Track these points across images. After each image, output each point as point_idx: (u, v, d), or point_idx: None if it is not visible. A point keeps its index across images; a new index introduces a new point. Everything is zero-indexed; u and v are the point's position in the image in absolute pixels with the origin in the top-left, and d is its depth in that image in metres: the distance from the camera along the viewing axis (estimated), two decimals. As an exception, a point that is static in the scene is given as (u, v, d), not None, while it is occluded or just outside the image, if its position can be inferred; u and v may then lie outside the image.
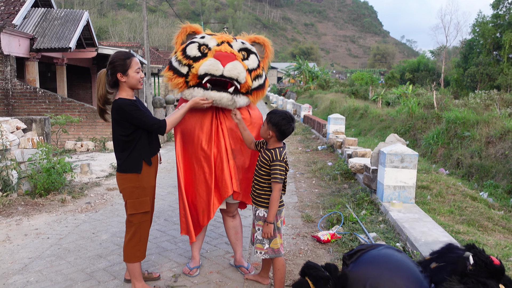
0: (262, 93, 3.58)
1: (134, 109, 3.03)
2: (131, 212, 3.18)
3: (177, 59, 3.38)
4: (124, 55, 3.10)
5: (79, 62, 15.86)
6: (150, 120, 3.07)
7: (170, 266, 3.88)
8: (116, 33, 72.02)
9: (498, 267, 2.47)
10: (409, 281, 2.47)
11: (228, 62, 3.18)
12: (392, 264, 2.58)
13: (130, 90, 3.15)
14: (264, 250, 3.16)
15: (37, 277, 3.64)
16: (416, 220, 4.55)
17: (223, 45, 3.33)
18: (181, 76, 3.34)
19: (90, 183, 7.02)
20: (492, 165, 10.57)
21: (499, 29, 37.00)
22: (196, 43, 3.37)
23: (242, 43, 3.47)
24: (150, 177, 3.23)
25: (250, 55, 3.46)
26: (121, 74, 3.06)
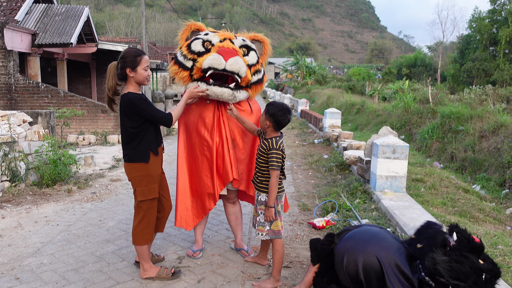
0: (261, 87, 3.84)
1: (144, 103, 3.26)
2: (141, 199, 3.39)
3: (183, 54, 3.63)
4: (135, 52, 3.31)
5: (79, 57, 16.05)
6: (158, 114, 3.30)
7: (175, 250, 4.14)
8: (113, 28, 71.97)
9: (478, 244, 2.74)
10: (382, 249, 2.76)
11: (230, 57, 3.42)
12: (368, 237, 2.88)
13: (137, 85, 3.36)
14: (265, 231, 3.40)
15: (50, 260, 3.89)
16: (406, 207, 4.81)
17: (226, 41, 3.58)
18: (186, 70, 3.58)
19: (94, 174, 7.26)
20: (485, 159, 10.80)
21: (495, 24, 37.20)
22: (200, 39, 3.61)
23: (243, 40, 3.72)
24: (157, 166, 3.46)
25: (250, 51, 3.71)
26: (130, 70, 3.26)
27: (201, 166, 3.76)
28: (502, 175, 9.79)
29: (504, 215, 7.72)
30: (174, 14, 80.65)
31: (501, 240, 4.70)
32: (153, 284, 3.43)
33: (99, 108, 11.31)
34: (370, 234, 2.95)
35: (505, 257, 4.00)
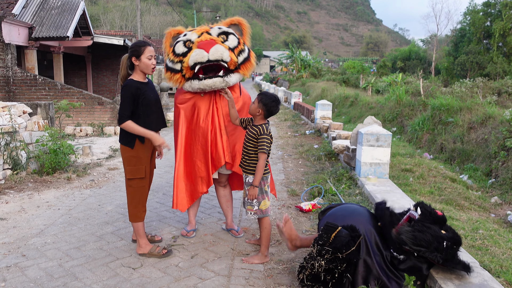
0: (250, 65, 4.09)
1: (126, 94, 3.53)
2: (129, 177, 3.70)
3: (170, 59, 3.93)
4: (140, 43, 3.65)
5: (74, 51, 16.23)
6: (121, 109, 3.53)
7: (170, 230, 4.43)
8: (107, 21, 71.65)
9: (440, 216, 3.07)
10: (360, 223, 3.07)
11: (210, 48, 3.72)
12: (348, 212, 3.20)
13: (142, 73, 3.66)
14: (254, 211, 3.69)
15: (53, 239, 4.17)
16: (388, 191, 5.11)
17: (203, 35, 3.88)
18: (177, 73, 3.88)
19: (92, 163, 7.53)
20: (473, 149, 11.08)
21: (489, 17, 37.47)
22: (181, 41, 3.91)
23: (219, 28, 4.02)
24: (146, 150, 3.70)
25: (229, 35, 4.00)
26: (135, 58, 3.59)
27: (195, 151, 4.05)
28: (489, 165, 10.09)
29: (489, 203, 8.02)
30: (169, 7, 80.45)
31: (482, 225, 4.98)
32: (149, 259, 3.72)
33: (96, 101, 11.56)
34: (350, 210, 3.26)
35: (485, 240, 4.26)
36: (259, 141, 3.57)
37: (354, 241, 2.96)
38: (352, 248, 2.92)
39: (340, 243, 2.93)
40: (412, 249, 2.92)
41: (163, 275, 3.44)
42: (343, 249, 2.90)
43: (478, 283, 2.85)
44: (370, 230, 3.12)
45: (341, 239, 2.95)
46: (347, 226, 3.05)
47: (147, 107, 3.64)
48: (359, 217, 3.21)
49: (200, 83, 3.82)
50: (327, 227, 3.05)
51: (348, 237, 2.96)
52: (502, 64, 33.74)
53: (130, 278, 3.39)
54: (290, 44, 52.49)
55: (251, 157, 3.66)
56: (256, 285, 3.32)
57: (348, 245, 2.92)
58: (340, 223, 3.10)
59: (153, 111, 3.70)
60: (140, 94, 3.57)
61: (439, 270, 3.01)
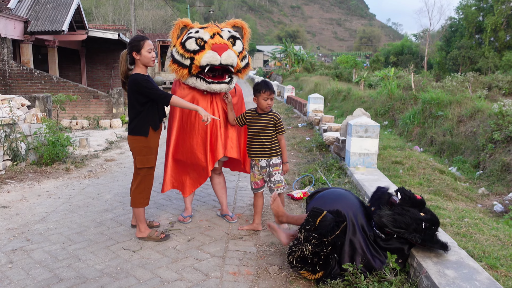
0: (249, 69, 4.43)
1: (147, 81, 3.73)
2: (139, 166, 3.90)
3: (179, 53, 4.09)
4: (139, 37, 3.82)
5: (69, 45, 16.31)
6: (159, 92, 3.75)
7: (167, 217, 4.64)
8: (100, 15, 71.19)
9: (419, 200, 3.31)
10: (346, 206, 3.29)
11: (223, 52, 3.95)
12: (335, 196, 3.43)
13: (144, 67, 3.84)
14: (282, 186, 4.16)
15: (56, 225, 4.37)
16: (375, 180, 5.35)
17: (216, 37, 4.06)
18: (185, 68, 4.06)
19: (89, 155, 7.71)
20: (462, 142, 11.34)
21: (481, 12, 37.77)
22: (193, 38, 4.06)
23: (229, 32, 4.23)
24: (156, 140, 3.93)
25: (236, 40, 4.25)
26: (136, 53, 3.76)
27: (195, 144, 4.23)
28: (477, 157, 10.35)
29: (476, 194, 8.28)
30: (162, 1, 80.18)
31: (468, 214, 5.21)
32: (148, 243, 3.93)
33: (91, 94, 11.70)
34: (337, 194, 3.49)
35: (469, 228, 4.49)
36: (278, 125, 4.07)
37: (338, 226, 3.17)
38: (336, 233, 3.14)
39: (325, 228, 3.14)
40: (392, 231, 3.15)
41: (162, 257, 3.66)
42: (328, 234, 3.12)
43: (454, 260, 3.08)
44: (356, 212, 3.35)
45: (326, 224, 3.16)
46: (332, 211, 3.26)
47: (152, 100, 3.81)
48: (345, 200, 3.44)
49: (207, 86, 4.06)
50: (313, 212, 3.26)
51: (332, 222, 3.17)
52: (494, 59, 34.10)
53: (130, 260, 3.59)
54: (284, 39, 52.58)
55: (272, 142, 4.05)
56: (249, 265, 3.54)
57: (332, 230, 3.14)
58: (327, 207, 3.32)
59: (157, 104, 3.89)
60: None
61: (419, 250, 3.24)
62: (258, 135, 4.06)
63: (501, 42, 36.21)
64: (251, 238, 4.10)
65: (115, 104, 11.73)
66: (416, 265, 3.13)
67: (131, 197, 3.94)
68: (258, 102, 4.06)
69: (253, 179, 4.23)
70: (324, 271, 3.23)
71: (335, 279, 3.17)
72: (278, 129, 4.08)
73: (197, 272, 3.39)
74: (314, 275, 3.25)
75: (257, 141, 4.07)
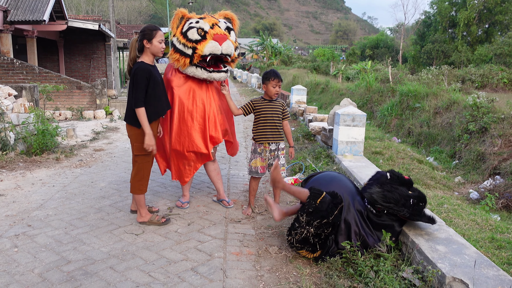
0: (238, 59, 4.64)
1: (141, 77, 3.78)
2: (136, 153, 3.99)
3: (181, 42, 4.20)
4: (152, 27, 3.91)
5: (47, 35, 16.04)
6: (137, 93, 3.78)
7: (164, 203, 4.76)
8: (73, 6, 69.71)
9: (407, 180, 3.56)
10: (341, 187, 3.50)
11: (223, 42, 4.16)
12: (329, 178, 3.64)
13: (152, 55, 3.93)
14: (285, 170, 4.51)
15: (55, 212, 4.43)
16: (363, 167, 5.57)
17: (215, 27, 4.24)
18: (187, 57, 4.18)
19: (77, 145, 7.72)
20: (438, 133, 11.70)
21: (454, 7, 38.62)
22: (194, 28, 4.20)
23: (225, 23, 4.41)
24: (153, 127, 3.97)
25: (231, 31, 4.45)
26: (147, 41, 3.85)
27: (193, 131, 4.34)
28: (453, 147, 10.72)
29: (453, 183, 8.63)
30: (138, -8, 78.94)
31: (447, 201, 5.47)
32: (149, 227, 4.05)
33: (74, 85, 11.61)
34: (331, 177, 3.70)
35: (449, 213, 4.75)
36: (285, 111, 4.42)
37: (336, 207, 3.37)
38: (335, 212, 3.33)
39: (325, 209, 3.33)
40: (382, 206, 3.38)
41: (165, 239, 3.78)
42: (329, 216, 3.31)
43: (444, 237, 3.32)
44: (349, 192, 3.55)
45: (325, 205, 3.35)
46: (330, 193, 3.45)
47: (157, 89, 3.91)
48: (339, 181, 3.64)
49: (208, 75, 4.23)
50: (313, 194, 3.45)
51: (331, 202, 3.36)
52: (466, 52, 34.94)
53: (134, 242, 3.71)
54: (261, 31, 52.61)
55: (279, 127, 4.35)
56: (250, 246, 3.70)
57: (332, 210, 3.33)
58: (324, 188, 3.51)
59: (162, 94, 3.98)
60: (151, 76, 3.84)
61: (411, 228, 3.47)
62: (272, 119, 4.33)
63: (473, 37, 37.15)
64: (249, 222, 4.26)
65: (98, 95, 11.68)
66: (408, 242, 3.35)
67: (131, 183, 4.04)
68: (267, 89, 4.30)
69: (259, 163, 4.40)
70: (322, 249, 3.43)
71: (334, 257, 3.37)
72: (285, 114, 4.41)
73: (201, 253, 3.54)
74: (313, 254, 3.44)
75: (270, 125, 4.34)
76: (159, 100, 3.95)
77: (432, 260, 2.94)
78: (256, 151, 4.42)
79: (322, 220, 3.29)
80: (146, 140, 3.81)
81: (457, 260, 2.94)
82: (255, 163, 4.41)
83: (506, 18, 36.11)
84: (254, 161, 4.42)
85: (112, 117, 11.30)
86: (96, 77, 17.54)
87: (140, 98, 3.78)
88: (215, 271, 3.25)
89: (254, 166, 4.42)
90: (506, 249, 3.86)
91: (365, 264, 3.18)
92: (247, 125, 10.99)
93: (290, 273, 3.28)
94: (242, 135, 9.42)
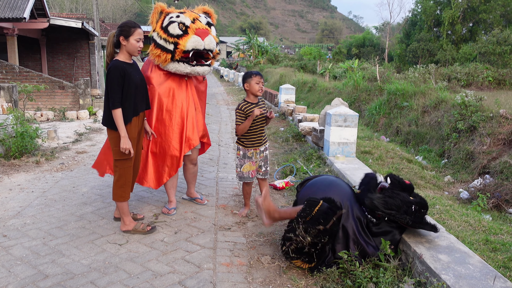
0: (218, 56, 4.47)
1: (115, 77, 3.55)
2: (115, 158, 3.75)
3: (162, 37, 4.00)
4: (131, 23, 3.68)
5: (29, 33, 15.59)
6: (112, 93, 3.56)
7: (150, 209, 4.53)
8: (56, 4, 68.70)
9: (408, 185, 3.38)
10: (339, 193, 3.31)
11: (205, 37, 4.02)
12: (327, 183, 3.44)
13: (128, 54, 3.70)
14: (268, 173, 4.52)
15: (32, 220, 4.17)
16: (356, 169, 5.40)
17: (197, 22, 4.09)
18: (168, 53, 3.99)
19: (58, 147, 7.42)
20: (427, 132, 11.65)
21: (439, 6, 38.86)
22: (175, 22, 4.01)
23: (205, 18, 4.27)
24: (131, 131, 3.72)
25: (211, 26, 4.30)
26: (123, 38, 3.62)
27: (171, 132, 4.18)
28: (442, 146, 10.67)
29: (443, 182, 8.55)
30: (122, -10, 78.02)
31: (438, 201, 5.36)
32: (134, 236, 3.82)
33: (56, 84, 11.26)
34: (329, 182, 3.50)
35: (441, 214, 4.63)
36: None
37: (335, 214, 3.17)
38: (333, 220, 3.14)
39: (322, 217, 3.14)
40: (384, 213, 3.19)
41: (150, 250, 3.56)
42: (326, 223, 3.12)
43: (445, 245, 3.15)
44: (348, 198, 3.36)
45: (323, 213, 3.15)
46: (327, 199, 3.26)
47: (132, 89, 3.67)
48: (337, 187, 3.45)
49: (191, 69, 4.08)
50: (310, 202, 3.25)
51: (329, 210, 3.17)
52: (451, 51, 35.17)
53: (118, 253, 3.48)
54: (247, 30, 52.39)
55: (264, 128, 4.32)
56: (241, 255, 3.50)
57: (330, 218, 3.14)
58: (320, 194, 3.32)
59: (137, 93, 3.74)
60: (126, 75, 3.60)
61: (411, 236, 3.29)
62: (261, 123, 4.23)
63: (458, 35, 37.40)
64: (239, 229, 4.05)
65: (81, 95, 11.34)
66: (408, 250, 3.18)
67: (113, 190, 3.81)
68: (250, 87, 4.14)
69: (250, 168, 4.26)
70: (318, 259, 3.24)
71: (330, 267, 3.18)
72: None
73: (189, 264, 3.32)
74: (309, 264, 3.25)
75: (260, 129, 4.24)
76: (133, 100, 3.70)
77: (435, 271, 2.77)
78: (246, 155, 4.23)
79: (319, 228, 3.10)
80: (122, 144, 3.59)
81: (462, 271, 2.77)
82: (246, 168, 4.23)
83: (490, 17, 36.43)
84: (245, 166, 4.23)
85: (95, 118, 10.99)
86: (80, 76, 17.13)
87: (115, 99, 3.56)
88: (204, 284, 3.04)
89: (246, 172, 4.25)
90: (501, 251, 3.77)
91: (363, 275, 3.00)
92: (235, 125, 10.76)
93: (284, 285, 3.09)
94: (230, 135, 9.20)
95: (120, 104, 3.59)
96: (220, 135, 9.18)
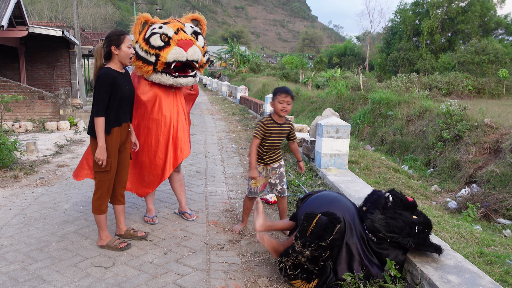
0: (206, 65, 4.32)
1: (103, 85, 3.40)
2: (94, 169, 3.58)
3: (143, 49, 3.86)
4: (119, 31, 3.51)
5: (6, 42, 15.14)
6: (98, 101, 3.41)
7: (137, 227, 4.27)
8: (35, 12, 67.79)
9: (411, 203, 3.22)
10: (343, 210, 3.14)
11: (189, 48, 3.85)
12: (329, 199, 3.27)
13: (119, 63, 3.54)
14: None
15: (10, 241, 3.89)
16: (350, 181, 5.25)
17: (180, 32, 3.92)
18: (150, 64, 3.85)
19: (38, 160, 7.09)
20: (412, 141, 11.66)
21: (418, 16, 39.48)
22: (157, 33, 3.87)
23: (191, 27, 4.10)
24: (112, 142, 3.54)
25: (198, 36, 4.14)
26: (115, 47, 3.46)
27: (156, 142, 4.06)
28: (427, 155, 10.66)
29: (430, 192, 8.50)
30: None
31: (428, 212, 5.26)
32: (121, 257, 3.57)
33: (36, 94, 10.89)
34: (332, 198, 3.32)
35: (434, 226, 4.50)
36: (292, 134, 4.09)
37: (334, 227, 3.00)
38: (333, 234, 2.96)
39: (321, 230, 2.97)
40: (386, 236, 3.03)
41: (139, 273, 3.32)
42: (326, 237, 2.94)
43: (453, 265, 3.00)
44: (352, 216, 3.20)
45: (321, 227, 2.98)
46: (325, 213, 3.09)
47: (120, 99, 3.50)
48: (340, 203, 3.28)
49: (174, 80, 3.94)
50: (307, 216, 3.09)
51: (328, 223, 3.00)
52: (431, 60, 35.68)
53: (103, 278, 3.23)
54: (230, 39, 52.38)
55: (279, 148, 4.10)
56: (236, 278, 3.29)
57: (328, 231, 2.97)
58: (322, 210, 3.15)
59: (123, 104, 3.56)
60: (115, 84, 3.43)
61: (416, 255, 3.14)
62: (278, 143, 4.02)
63: (436, 45, 38.04)
64: (233, 248, 3.85)
65: (62, 105, 10.98)
66: (414, 270, 3.02)
67: (92, 203, 3.64)
68: (274, 105, 3.88)
69: (257, 183, 4.08)
70: (319, 279, 3.05)
71: (332, 289, 3.00)
72: (292, 137, 4.12)
73: (181, 289, 3.10)
74: (309, 284, 3.06)
75: (274, 148, 4.03)
76: (117, 110, 3.52)
77: (446, 294, 2.61)
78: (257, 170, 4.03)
79: (319, 242, 2.93)
80: (97, 153, 3.41)
81: (474, 293, 2.62)
82: (255, 183, 4.06)
83: (468, 27, 37.14)
84: (254, 181, 4.04)
85: (77, 129, 10.65)
86: (60, 86, 16.70)
87: (100, 107, 3.39)
88: (200, 312, 2.82)
89: (255, 187, 4.08)
90: (497, 264, 3.68)
91: (369, 298, 2.83)
92: (221, 135, 10.57)
93: (284, 310, 2.89)
94: (216, 146, 8.99)
95: (104, 113, 3.42)
96: (207, 146, 8.96)
